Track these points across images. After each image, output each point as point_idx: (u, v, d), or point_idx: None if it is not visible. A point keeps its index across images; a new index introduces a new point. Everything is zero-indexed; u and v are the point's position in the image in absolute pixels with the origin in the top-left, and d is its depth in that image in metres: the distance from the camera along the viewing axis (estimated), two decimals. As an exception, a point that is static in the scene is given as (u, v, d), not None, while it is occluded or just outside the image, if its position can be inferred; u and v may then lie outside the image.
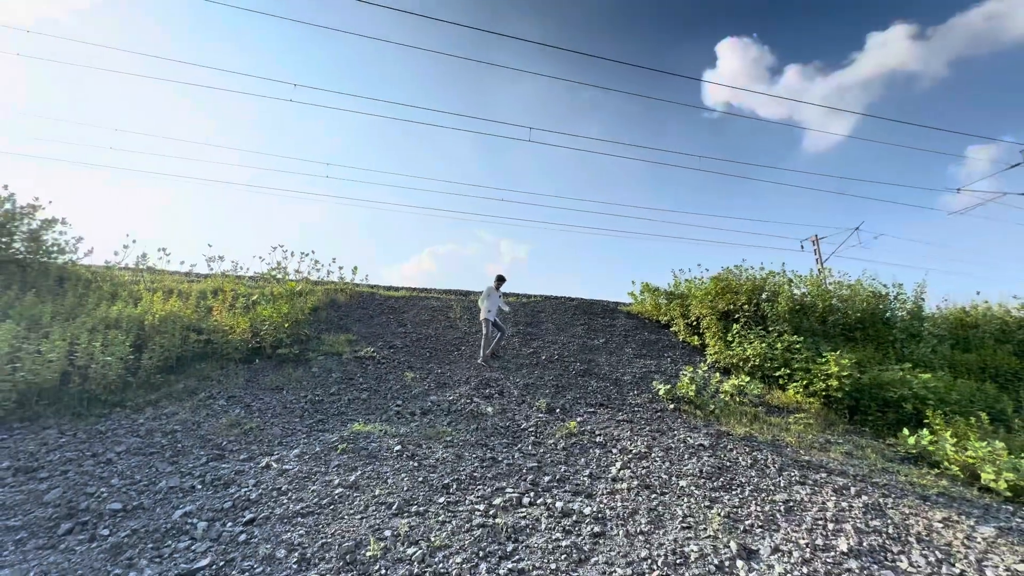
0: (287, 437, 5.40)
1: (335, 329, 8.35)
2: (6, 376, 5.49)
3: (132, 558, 3.56)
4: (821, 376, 7.80)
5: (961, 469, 6.11)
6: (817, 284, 10.31)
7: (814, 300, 9.89)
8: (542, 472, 5.08)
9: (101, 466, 4.69)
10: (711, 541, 4.20)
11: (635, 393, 7.35)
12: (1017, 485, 5.57)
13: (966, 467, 6.11)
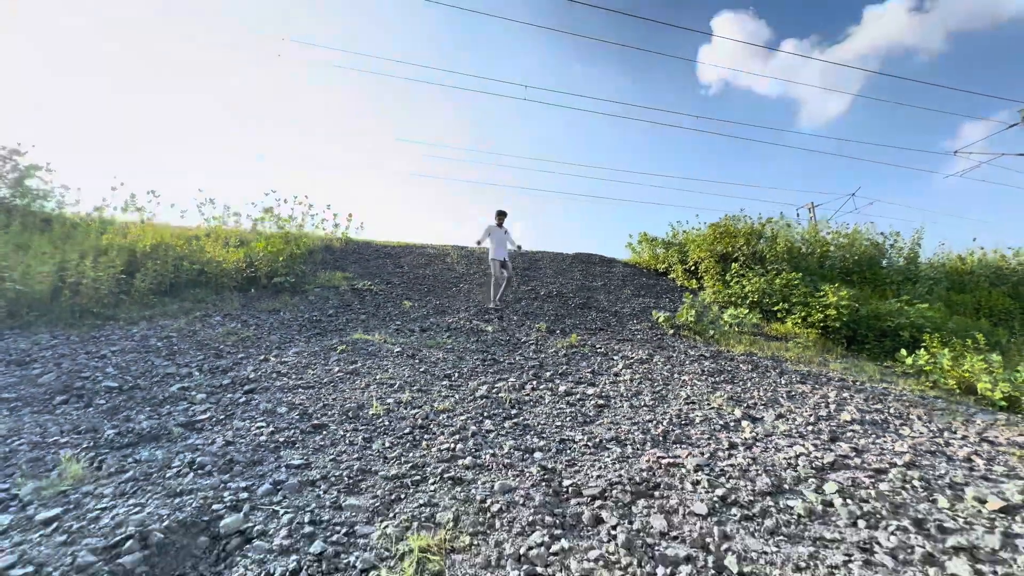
0: (285, 344, 5.41)
1: (331, 268, 8.36)
2: (-5, 287, 5.45)
3: (129, 416, 3.56)
4: (819, 308, 7.91)
5: (958, 383, 6.23)
6: (815, 232, 10.46)
7: (812, 246, 10.03)
8: (544, 368, 5.14)
9: (95, 360, 4.67)
10: (715, 411, 4.28)
11: (634, 322, 7.43)
12: (1012, 395, 5.69)
13: (962, 381, 6.24)
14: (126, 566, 2.05)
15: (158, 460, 2.92)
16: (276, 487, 2.69)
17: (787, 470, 3.21)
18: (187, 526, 2.32)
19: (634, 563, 2.24)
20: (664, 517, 2.61)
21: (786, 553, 2.37)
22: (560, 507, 2.68)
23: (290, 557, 2.13)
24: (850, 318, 7.85)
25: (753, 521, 2.64)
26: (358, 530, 2.36)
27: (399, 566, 2.11)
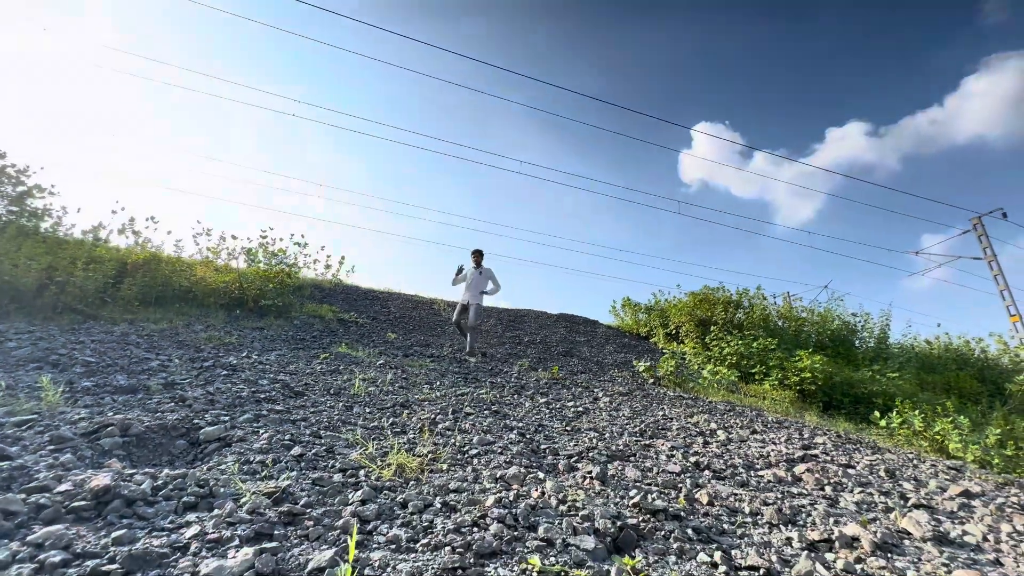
0: (267, 350, 5.49)
1: (318, 301, 8.57)
2: (-20, 277, 5.57)
3: (105, 378, 3.60)
4: (795, 371, 8.26)
5: (929, 444, 6.45)
6: (789, 308, 11.14)
7: (788, 321, 10.65)
8: (525, 389, 5.27)
9: (72, 344, 4.69)
10: (693, 424, 4.43)
11: (615, 371, 7.63)
12: (983, 458, 5.92)
13: (934, 442, 6.46)
14: (104, 446, 2.11)
15: (136, 398, 2.97)
16: (257, 418, 2.76)
17: (759, 459, 3.34)
18: (167, 429, 2.38)
19: (607, 490, 2.33)
20: (638, 471, 2.71)
21: (754, 496, 2.49)
22: (537, 458, 2.76)
23: (269, 455, 2.20)
24: (825, 383, 8.17)
25: (724, 480, 2.75)
26: (337, 449, 2.43)
27: (379, 471, 2.19)
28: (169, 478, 1.77)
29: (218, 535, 1.42)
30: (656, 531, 1.92)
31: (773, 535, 2.06)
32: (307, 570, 1.31)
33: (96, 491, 1.52)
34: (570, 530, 1.78)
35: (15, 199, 9.06)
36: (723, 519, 2.17)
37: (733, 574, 1.64)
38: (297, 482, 1.93)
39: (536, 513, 1.91)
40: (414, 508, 1.82)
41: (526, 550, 1.61)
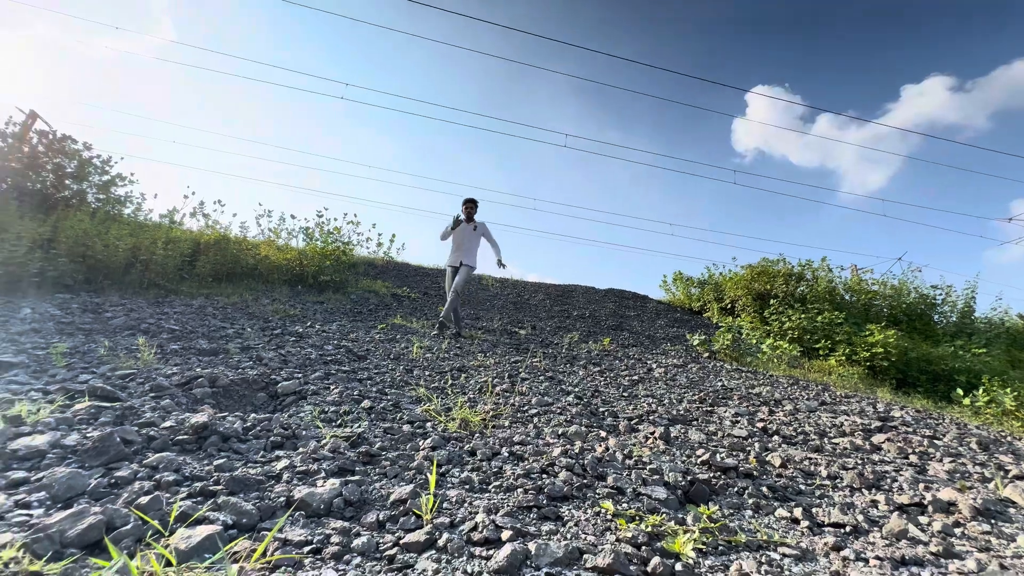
0: (328, 320, 5.75)
1: (371, 277, 8.87)
2: (76, 256, 6.15)
3: (189, 342, 3.89)
4: (865, 346, 7.73)
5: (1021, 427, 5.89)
6: (858, 281, 10.41)
7: (856, 295, 9.95)
8: (578, 359, 5.24)
9: (158, 315, 5.12)
10: (756, 396, 4.25)
11: (668, 344, 7.44)
12: None
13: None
14: (196, 395, 2.28)
15: (218, 358, 3.20)
16: (326, 376, 2.90)
17: (832, 428, 3.16)
18: (248, 382, 2.55)
19: (672, 449, 2.28)
20: (702, 434, 2.64)
21: (831, 461, 2.35)
22: (597, 419, 2.74)
23: (342, 406, 2.31)
24: (899, 359, 7.61)
25: (795, 445, 2.63)
26: (403, 404, 2.51)
27: (445, 424, 2.24)
28: (256, 421, 1.89)
29: (306, 468, 1.50)
30: (728, 487, 1.86)
31: (855, 498, 1.94)
32: (390, 500, 1.36)
33: (196, 427, 1.64)
34: (639, 481, 1.76)
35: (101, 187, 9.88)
36: (798, 481, 2.07)
37: (816, 530, 1.56)
38: (370, 430, 2.01)
39: (603, 464, 1.90)
40: (482, 456, 1.86)
41: (597, 496, 1.60)
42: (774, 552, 1.35)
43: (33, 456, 1.35)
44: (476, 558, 1.11)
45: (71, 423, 1.64)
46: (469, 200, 6.07)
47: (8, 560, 0.84)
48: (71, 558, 0.90)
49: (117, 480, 1.25)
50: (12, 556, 0.85)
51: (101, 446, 1.37)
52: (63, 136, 8.50)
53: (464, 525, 1.26)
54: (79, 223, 6.44)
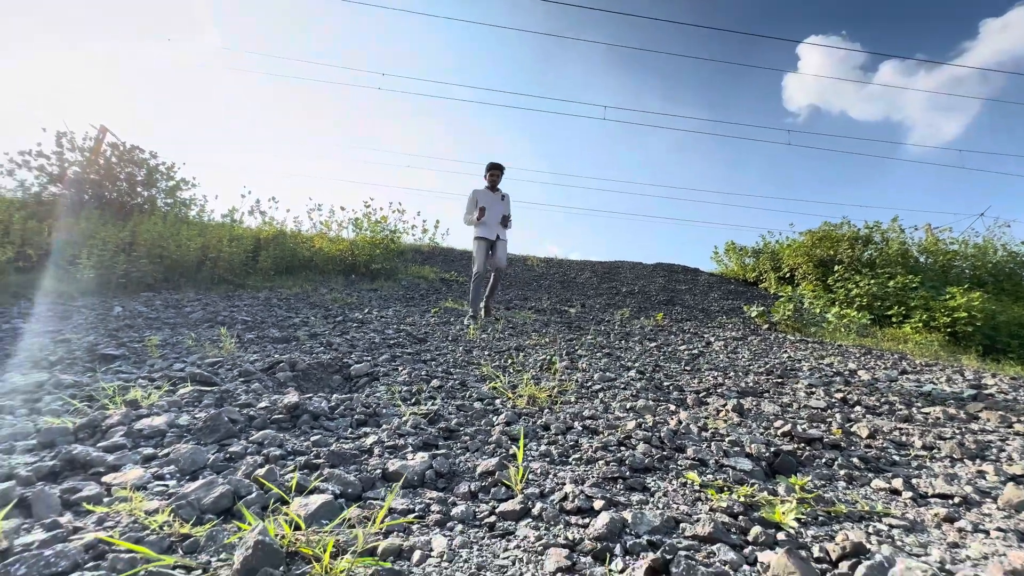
0: (384, 306, 5.95)
1: (419, 264, 9.06)
2: (155, 257, 6.64)
3: (262, 331, 4.14)
4: (946, 311, 7.14)
5: None
6: (934, 241, 9.61)
7: (933, 256, 9.18)
8: (631, 335, 5.16)
9: (230, 308, 5.48)
10: (826, 364, 4.04)
11: (723, 317, 7.18)
12: None
13: None
14: (280, 379, 2.42)
15: (291, 345, 3.39)
16: (393, 358, 3.01)
17: (919, 397, 2.96)
18: (324, 366, 2.68)
19: (747, 421, 2.21)
20: (776, 406, 2.54)
21: (925, 431, 2.21)
22: (663, 393, 2.70)
23: (412, 386, 2.39)
24: (986, 323, 6.99)
25: (881, 416, 2.48)
26: (469, 383, 2.57)
27: (513, 400, 2.28)
28: (339, 401, 1.99)
29: (394, 443, 1.57)
30: (815, 458, 1.79)
31: (958, 469, 1.81)
32: (477, 472, 1.40)
33: (288, 406, 1.75)
34: (720, 453, 1.72)
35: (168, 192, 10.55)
36: (890, 451, 1.96)
37: (921, 501, 1.48)
38: (443, 407, 2.08)
39: (679, 437, 1.87)
40: (556, 430, 1.87)
41: (679, 468, 1.58)
42: (879, 523, 1.28)
43: (155, 435, 1.49)
44: (573, 526, 1.13)
45: (180, 406, 1.79)
46: (495, 166, 5.33)
47: (162, 523, 0.93)
48: (210, 523, 0.99)
49: (231, 455, 1.36)
50: (165, 520, 0.94)
51: (212, 424, 1.49)
52: (132, 146, 9.10)
53: (554, 495, 1.28)
54: (154, 226, 6.94)
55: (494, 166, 5.32)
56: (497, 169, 5.34)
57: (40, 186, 8.03)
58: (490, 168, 5.33)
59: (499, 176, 5.37)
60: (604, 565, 0.95)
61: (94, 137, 9.24)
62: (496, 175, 5.33)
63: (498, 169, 5.34)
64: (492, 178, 5.30)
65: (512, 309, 6.45)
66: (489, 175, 5.31)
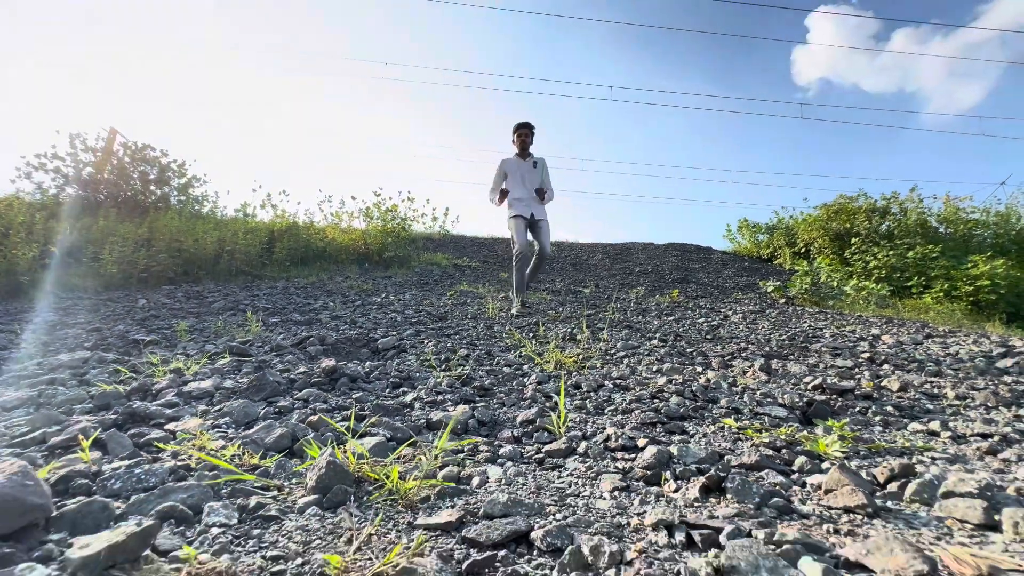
0: (400, 291, 6.00)
1: (431, 251, 9.11)
2: (173, 251, 6.75)
3: (284, 316, 4.21)
4: (968, 280, 7.03)
5: None
6: (954, 211, 9.41)
7: (953, 225, 9.01)
8: (648, 312, 5.16)
9: (250, 297, 5.57)
10: (849, 331, 4.02)
11: (739, 293, 7.14)
12: None
13: None
14: (311, 352, 2.48)
15: (314, 327, 3.45)
16: (417, 333, 3.05)
17: (947, 356, 2.94)
18: (352, 340, 2.73)
19: (776, 379, 2.22)
20: (803, 367, 2.54)
21: (956, 383, 2.20)
22: (687, 359, 2.71)
23: (440, 356, 2.43)
24: (1010, 291, 6.87)
25: (909, 371, 2.47)
26: (495, 353, 2.60)
27: (541, 365, 2.31)
28: (372, 367, 2.04)
29: (432, 399, 1.61)
30: (849, 408, 1.79)
31: (994, 415, 1.81)
32: (518, 421, 1.44)
33: (327, 369, 1.79)
34: (754, 403, 1.73)
35: (181, 188, 10.65)
36: (923, 402, 1.96)
37: (960, 440, 1.48)
38: (474, 371, 2.11)
39: (711, 391, 1.89)
40: (588, 388, 1.90)
41: (714, 416, 1.60)
42: (922, 456, 1.30)
43: (204, 396, 1.54)
44: (620, 460, 1.15)
45: (222, 373, 1.84)
46: (522, 125, 4.43)
47: (232, 455, 0.97)
48: (274, 457, 1.03)
49: (280, 409, 1.41)
50: (235, 452, 0.98)
51: (259, 383, 1.54)
52: (144, 145, 9.19)
53: (597, 437, 1.31)
54: (171, 221, 7.04)
55: (522, 126, 4.43)
56: (525, 129, 4.41)
57: (57, 187, 8.17)
58: (517, 129, 4.42)
59: (529, 138, 4.43)
60: (658, 486, 0.98)
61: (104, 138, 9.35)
62: (525, 136, 4.39)
63: (526, 129, 4.42)
64: (521, 141, 4.39)
65: (527, 291, 6.48)
66: (517, 138, 4.39)
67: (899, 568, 0.61)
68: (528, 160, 4.44)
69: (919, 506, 0.94)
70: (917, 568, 0.60)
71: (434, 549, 0.72)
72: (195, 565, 0.59)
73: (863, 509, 0.86)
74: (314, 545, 0.71)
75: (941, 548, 0.70)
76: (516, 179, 4.41)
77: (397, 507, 0.84)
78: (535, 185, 4.41)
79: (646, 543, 0.75)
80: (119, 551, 0.61)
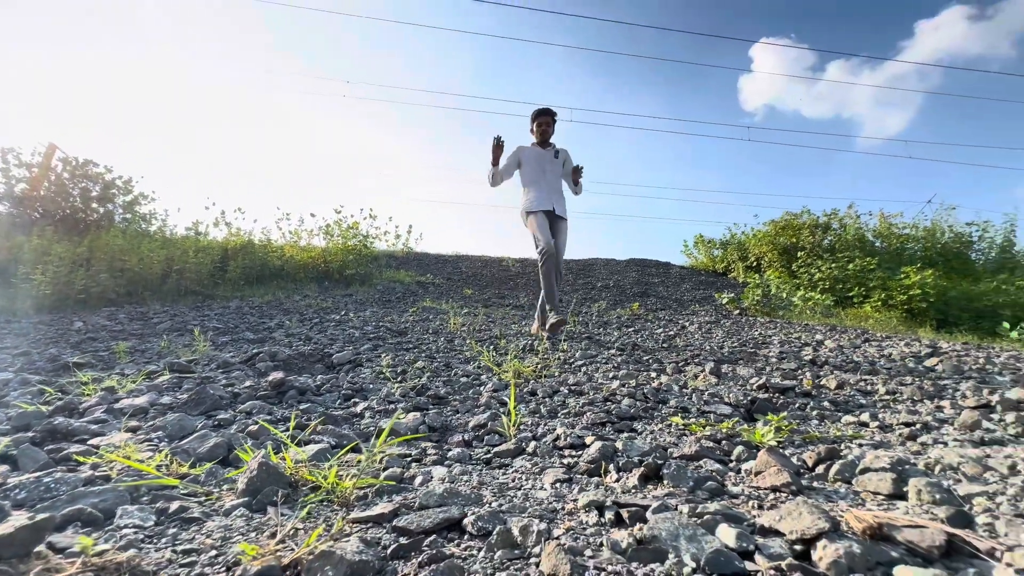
0: (361, 309, 5.88)
1: (394, 268, 9.00)
2: (116, 271, 6.39)
3: (235, 334, 4.05)
4: (902, 290, 7.56)
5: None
6: (887, 227, 10.14)
7: (886, 240, 9.71)
8: (609, 324, 5.26)
9: (200, 317, 5.31)
10: (796, 338, 4.22)
11: (696, 306, 7.40)
12: None
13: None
14: (260, 368, 2.39)
15: (268, 343, 3.33)
16: (375, 347, 3.00)
17: (882, 357, 3.14)
18: (305, 356, 2.66)
19: (725, 382, 2.31)
20: (751, 370, 2.65)
21: (888, 379, 2.36)
22: (643, 366, 2.78)
23: (397, 368, 2.40)
24: (939, 299, 7.43)
25: (847, 371, 2.62)
26: (454, 364, 2.59)
27: (500, 374, 2.31)
28: (324, 380, 1.98)
29: (384, 408, 1.58)
30: (790, 404, 1.89)
31: (919, 407, 1.95)
32: (470, 426, 1.43)
33: (274, 382, 1.74)
34: (701, 402, 1.79)
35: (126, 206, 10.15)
36: (857, 398, 2.08)
37: (887, 429, 1.58)
38: (430, 382, 2.09)
39: (662, 393, 1.94)
40: (543, 393, 1.92)
41: (663, 415, 1.64)
42: (850, 444, 1.38)
43: (138, 412, 1.46)
44: (567, 457, 1.17)
45: (160, 389, 1.75)
46: (544, 112, 3.88)
47: (159, 463, 0.92)
48: (206, 465, 0.99)
49: (221, 422, 1.35)
50: (162, 461, 0.93)
51: (198, 398, 1.47)
52: (85, 161, 8.75)
53: (547, 437, 1.32)
54: (113, 239, 6.68)
55: (542, 112, 3.87)
56: (547, 116, 3.87)
57: (-14, 204, 7.63)
58: (536, 117, 3.88)
59: (551, 126, 3.91)
60: (600, 477, 1.00)
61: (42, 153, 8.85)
62: (547, 125, 3.87)
63: (548, 116, 3.88)
64: (541, 131, 3.87)
65: (491, 307, 6.48)
66: (537, 127, 3.89)
67: (804, 528, 0.66)
68: (549, 150, 3.90)
69: (841, 484, 1.00)
70: (820, 526, 0.65)
71: (356, 535, 0.70)
72: (91, 558, 0.56)
73: (788, 487, 0.91)
74: (233, 540, 0.68)
75: (849, 512, 0.75)
76: (535, 169, 3.82)
77: (333, 506, 0.82)
78: (557, 177, 3.88)
79: (576, 522, 0.76)
80: (6, 545, 0.57)
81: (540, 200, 3.78)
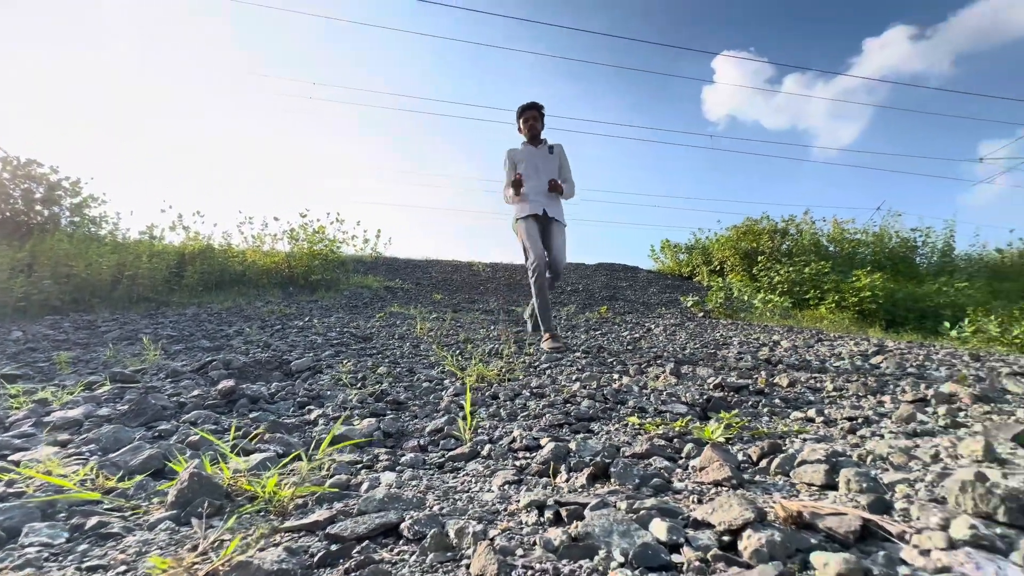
0: (326, 315, 5.75)
1: (362, 274, 8.84)
2: (61, 277, 6.04)
3: (190, 343, 3.88)
4: (853, 292, 7.94)
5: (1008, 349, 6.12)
6: (840, 232, 10.63)
7: (839, 245, 10.18)
8: (577, 328, 5.32)
9: (153, 325, 5.07)
10: (754, 339, 4.36)
11: (662, 309, 7.57)
12: None
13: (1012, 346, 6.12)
14: (213, 377, 2.30)
15: (224, 351, 3.20)
16: (337, 354, 2.93)
17: (832, 356, 3.29)
18: (262, 363, 2.57)
19: (684, 382, 2.37)
20: (710, 369, 2.73)
21: (835, 377, 2.47)
22: (607, 368, 2.82)
23: (359, 374, 2.35)
24: (887, 301, 7.84)
25: (799, 370, 2.73)
26: (417, 370, 2.56)
27: (463, 378, 2.30)
28: (279, 387, 1.92)
29: (339, 415, 1.54)
30: (743, 402, 1.95)
31: (863, 402, 2.04)
32: (427, 431, 1.41)
33: (224, 391, 1.67)
34: (659, 402, 1.83)
35: (74, 209, 9.63)
36: (807, 395, 2.17)
37: (831, 424, 1.65)
38: (391, 387, 2.06)
39: (622, 394, 1.97)
40: (505, 396, 1.91)
41: (621, 415, 1.67)
42: (795, 439, 1.43)
43: (71, 425, 1.38)
44: (521, 459, 1.17)
45: (98, 401, 1.66)
46: (531, 107, 3.59)
47: (84, 477, 0.87)
48: (136, 478, 0.94)
49: (161, 433, 1.29)
50: (87, 475, 0.88)
51: (138, 408, 1.40)
52: (28, 160, 8.25)
53: (503, 440, 1.32)
54: (58, 243, 6.32)
55: (528, 107, 3.59)
56: (532, 111, 3.58)
57: (-86, 206, 7.11)
58: (522, 113, 3.61)
59: (538, 121, 3.61)
60: (550, 478, 1.00)
61: (-21, 152, 8.30)
62: (534, 120, 3.58)
63: (534, 111, 3.58)
64: (529, 126, 3.59)
65: (460, 311, 6.45)
66: (524, 123, 3.61)
67: (732, 519, 0.68)
68: (542, 147, 3.64)
69: (780, 476, 1.03)
70: (746, 517, 0.67)
71: (284, 544, 0.68)
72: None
73: (728, 481, 0.94)
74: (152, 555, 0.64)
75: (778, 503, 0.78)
76: (529, 169, 3.57)
77: (269, 516, 0.79)
78: (552, 175, 3.60)
79: (514, 523, 0.76)
80: None
81: (530, 204, 3.54)
